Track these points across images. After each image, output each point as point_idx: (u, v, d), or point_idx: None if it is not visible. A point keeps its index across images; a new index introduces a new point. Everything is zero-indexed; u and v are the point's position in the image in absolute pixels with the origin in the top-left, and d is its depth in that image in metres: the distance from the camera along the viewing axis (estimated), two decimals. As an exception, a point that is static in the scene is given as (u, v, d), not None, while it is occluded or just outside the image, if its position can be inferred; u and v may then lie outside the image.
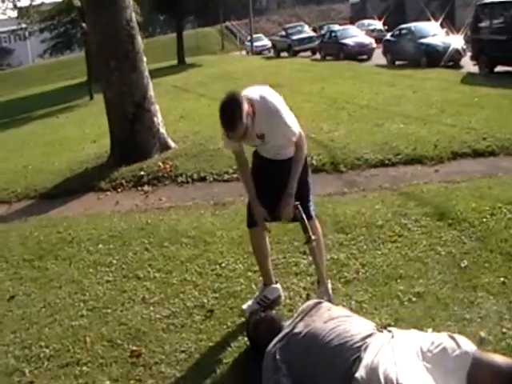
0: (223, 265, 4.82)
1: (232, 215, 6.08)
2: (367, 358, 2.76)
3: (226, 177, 7.76)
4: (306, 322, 3.11)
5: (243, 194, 6.76)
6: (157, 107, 9.16)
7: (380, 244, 4.83)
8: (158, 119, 9.12)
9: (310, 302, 3.34)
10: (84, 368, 3.59)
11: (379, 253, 4.67)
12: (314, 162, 7.42)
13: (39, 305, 4.53)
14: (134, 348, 3.69)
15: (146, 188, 7.83)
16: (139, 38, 9.04)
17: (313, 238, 3.37)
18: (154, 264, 5.03)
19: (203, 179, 7.86)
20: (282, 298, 4.08)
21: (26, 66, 57.95)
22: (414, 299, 3.90)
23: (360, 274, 4.36)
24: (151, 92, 9.07)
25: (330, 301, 3.46)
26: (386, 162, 7.51)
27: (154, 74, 10.09)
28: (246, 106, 3.39)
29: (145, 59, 9.10)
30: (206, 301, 4.22)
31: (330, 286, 3.77)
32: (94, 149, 10.41)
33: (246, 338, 3.60)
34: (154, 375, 3.43)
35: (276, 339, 3.12)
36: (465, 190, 5.88)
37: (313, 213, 3.90)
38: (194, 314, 4.06)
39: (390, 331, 2.97)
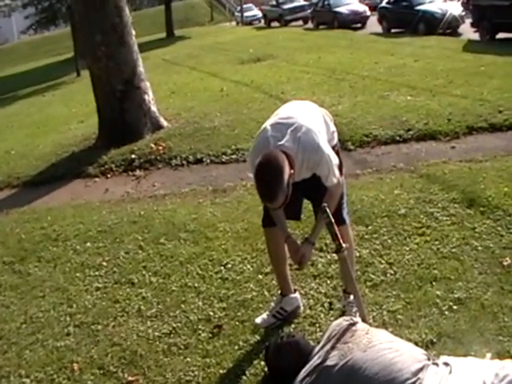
0: (229, 266, 4.24)
1: (234, 204, 5.49)
2: (423, 401, 2.21)
3: (225, 158, 7.15)
4: (341, 350, 2.54)
5: (244, 178, 6.22)
6: (147, 84, 8.51)
7: (406, 237, 4.26)
8: (149, 96, 8.48)
9: (342, 323, 2.75)
10: (71, 406, 3.03)
11: (407, 248, 4.10)
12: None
13: (19, 319, 3.94)
14: (130, 378, 3.10)
15: (137, 173, 7.22)
16: (127, 10, 8.34)
17: (344, 246, 2.78)
18: (149, 266, 4.44)
19: (199, 161, 7.24)
20: (302, 308, 3.51)
21: (12, 43, 56.48)
22: (455, 307, 3.35)
23: (388, 275, 3.79)
24: (141, 68, 8.40)
25: (363, 319, 2.88)
26: (397, 138, 6.92)
27: (143, 47, 9.44)
28: (287, 171, 2.72)
29: (133, 33, 8.41)
30: (211, 313, 3.64)
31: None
32: (82, 130, 9.76)
33: (262, 363, 3.03)
34: (155, 414, 2.86)
35: (304, 371, 2.56)
36: (491, 171, 5.31)
37: (346, 217, 3.32)
38: (199, 331, 3.48)
39: (446, 364, 2.41)
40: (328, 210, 2.71)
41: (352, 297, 3.31)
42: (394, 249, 4.12)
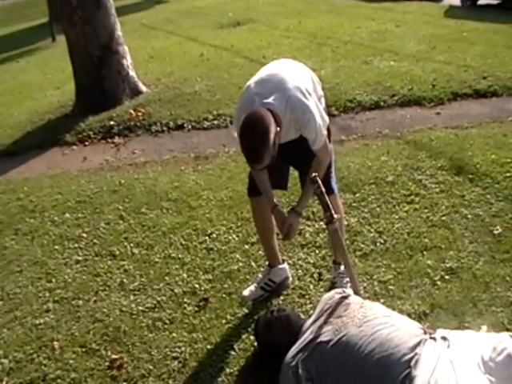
0: (213, 235, 4.12)
1: (217, 171, 5.35)
2: (421, 377, 2.14)
3: (206, 124, 6.96)
4: (335, 325, 2.44)
5: (227, 145, 6.07)
6: (125, 48, 8.23)
7: (395, 205, 4.17)
8: (128, 61, 8.21)
9: (335, 296, 2.65)
10: (52, 385, 2.89)
11: (396, 217, 4.01)
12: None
13: (-5, 296, 3.79)
14: (114, 356, 2.98)
15: (116, 140, 6.99)
16: (104, -30, 8.01)
17: (336, 217, 2.66)
18: (131, 237, 4.29)
19: (180, 127, 7.02)
20: (290, 279, 3.41)
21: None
22: (446, 277, 3.28)
23: (378, 244, 3.70)
24: (119, 32, 8.11)
25: (355, 291, 2.79)
26: (382, 103, 6.79)
27: (119, 11, 9.10)
28: (272, 130, 2.54)
29: (112, -5, 8.12)
30: (197, 285, 3.53)
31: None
32: (58, 96, 9.45)
33: (251, 337, 2.94)
34: (141, 394, 2.75)
35: (296, 347, 2.46)
36: (478, 138, 5.23)
37: (335, 186, 3.19)
38: (185, 304, 3.37)
39: (444, 338, 2.32)
40: (318, 180, 2.58)
41: (342, 267, 3.23)
42: (382, 217, 4.03)
